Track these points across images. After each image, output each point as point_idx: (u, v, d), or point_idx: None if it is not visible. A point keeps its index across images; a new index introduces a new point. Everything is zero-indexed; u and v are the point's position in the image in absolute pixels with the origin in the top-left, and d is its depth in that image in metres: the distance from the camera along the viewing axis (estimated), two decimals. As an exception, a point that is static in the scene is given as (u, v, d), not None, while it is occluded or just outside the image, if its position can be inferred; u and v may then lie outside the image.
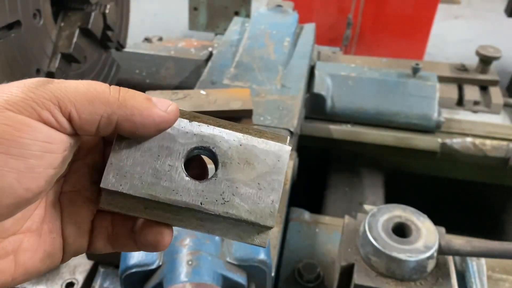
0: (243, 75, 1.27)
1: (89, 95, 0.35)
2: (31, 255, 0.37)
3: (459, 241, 0.73)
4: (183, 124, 0.41)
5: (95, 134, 0.36)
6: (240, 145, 0.42)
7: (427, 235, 0.72)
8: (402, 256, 0.69)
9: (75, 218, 0.40)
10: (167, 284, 0.56)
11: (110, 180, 0.39)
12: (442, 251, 0.72)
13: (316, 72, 1.47)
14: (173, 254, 0.59)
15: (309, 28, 1.59)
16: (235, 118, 0.94)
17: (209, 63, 1.35)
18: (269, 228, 0.43)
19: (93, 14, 1.22)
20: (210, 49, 1.64)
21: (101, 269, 0.83)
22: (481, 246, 0.73)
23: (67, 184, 0.39)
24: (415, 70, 1.44)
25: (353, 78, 1.47)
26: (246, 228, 0.43)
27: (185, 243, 0.59)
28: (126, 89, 0.38)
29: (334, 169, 1.49)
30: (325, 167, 1.52)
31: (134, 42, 1.82)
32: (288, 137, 0.43)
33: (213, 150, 0.42)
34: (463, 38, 3.89)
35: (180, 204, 0.40)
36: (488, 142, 1.38)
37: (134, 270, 0.60)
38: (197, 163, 0.43)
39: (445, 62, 1.86)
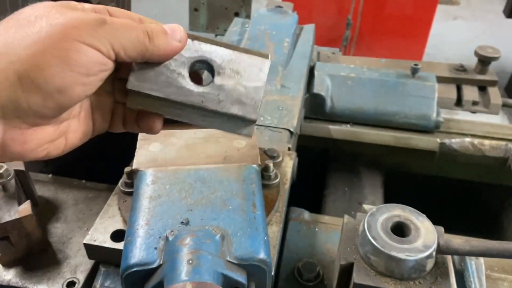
0: (243, 76, 1.27)
1: (133, 41, 0.50)
2: (74, 134, 0.55)
3: (458, 241, 0.74)
4: (188, 42, 0.54)
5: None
6: (231, 59, 0.55)
7: (426, 234, 0.72)
8: (401, 255, 0.69)
9: (100, 108, 0.58)
10: (167, 283, 0.56)
11: (134, 83, 0.53)
12: (441, 250, 0.73)
13: (316, 73, 1.48)
14: (174, 253, 0.59)
15: (309, 29, 1.59)
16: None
17: (209, 64, 1.35)
18: (253, 121, 0.55)
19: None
20: (210, 49, 1.64)
21: (102, 269, 0.83)
22: (480, 246, 0.73)
23: None
24: (414, 71, 1.45)
25: (353, 78, 1.47)
26: (236, 122, 0.55)
27: (186, 242, 0.59)
28: (150, 26, 0.52)
29: (333, 169, 1.49)
30: (324, 167, 1.52)
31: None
32: (269, 54, 0.56)
33: (210, 62, 0.55)
34: (462, 38, 3.90)
35: (186, 102, 0.54)
36: (486, 142, 1.39)
37: (134, 269, 0.60)
38: (195, 76, 0.57)
39: (444, 63, 1.86)
